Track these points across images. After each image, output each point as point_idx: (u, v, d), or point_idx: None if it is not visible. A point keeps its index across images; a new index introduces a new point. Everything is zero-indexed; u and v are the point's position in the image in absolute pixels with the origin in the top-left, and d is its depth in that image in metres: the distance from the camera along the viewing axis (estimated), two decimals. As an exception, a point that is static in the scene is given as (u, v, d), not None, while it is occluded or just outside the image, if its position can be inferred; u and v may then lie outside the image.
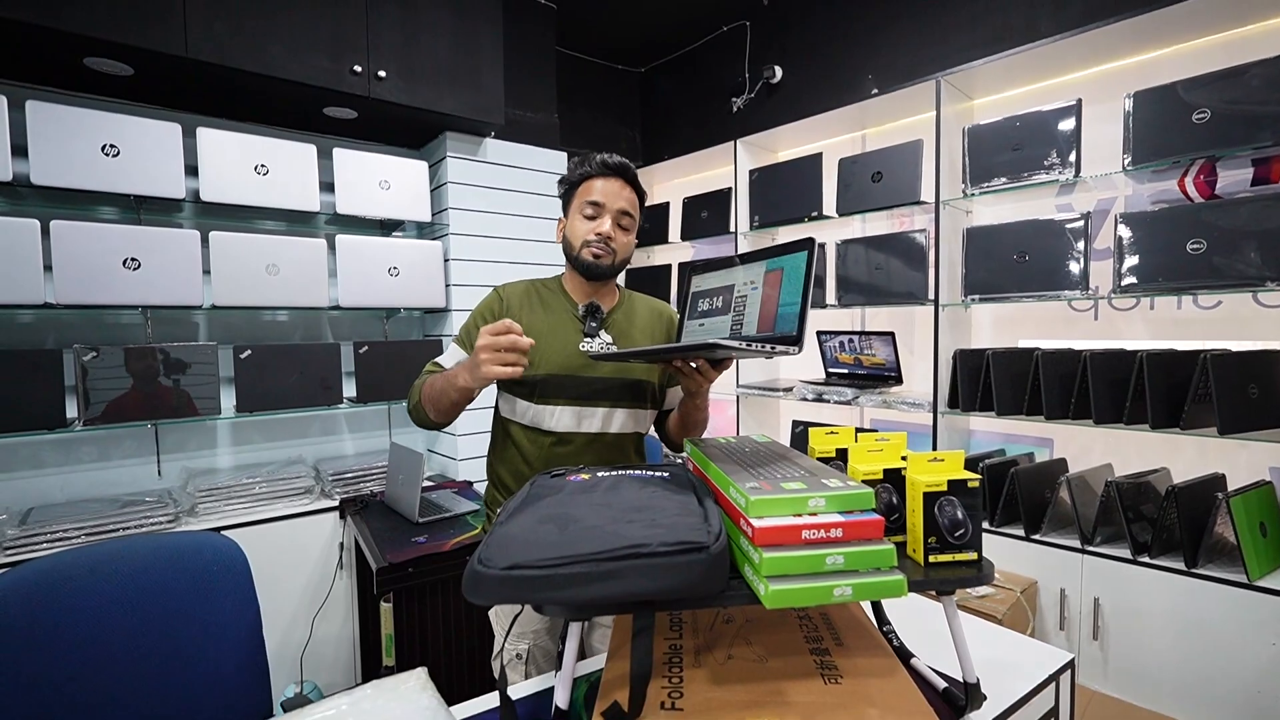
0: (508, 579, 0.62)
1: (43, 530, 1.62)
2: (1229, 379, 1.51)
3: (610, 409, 1.16)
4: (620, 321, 1.22)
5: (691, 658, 0.81)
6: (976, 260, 1.96)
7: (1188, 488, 1.56)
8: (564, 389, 1.13)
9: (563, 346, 1.15)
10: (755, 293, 0.92)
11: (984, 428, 2.20)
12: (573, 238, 1.17)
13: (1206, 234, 1.55)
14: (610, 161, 1.16)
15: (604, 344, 1.18)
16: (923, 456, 0.79)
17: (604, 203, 1.15)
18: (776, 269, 0.89)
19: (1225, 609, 1.46)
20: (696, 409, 1.14)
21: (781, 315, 0.85)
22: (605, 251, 1.15)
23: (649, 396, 1.21)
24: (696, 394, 1.08)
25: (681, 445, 1.25)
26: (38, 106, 1.62)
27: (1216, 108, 1.54)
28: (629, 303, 1.26)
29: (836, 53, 2.61)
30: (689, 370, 0.99)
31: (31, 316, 1.80)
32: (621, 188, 1.17)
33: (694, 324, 1.05)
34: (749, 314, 0.92)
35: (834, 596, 0.65)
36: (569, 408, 1.14)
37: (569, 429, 1.15)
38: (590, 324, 1.17)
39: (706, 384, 1.02)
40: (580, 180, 1.18)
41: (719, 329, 0.97)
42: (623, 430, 1.19)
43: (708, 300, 1.03)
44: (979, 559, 0.76)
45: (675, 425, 1.24)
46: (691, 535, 0.64)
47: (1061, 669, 0.97)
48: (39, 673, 0.90)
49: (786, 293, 0.85)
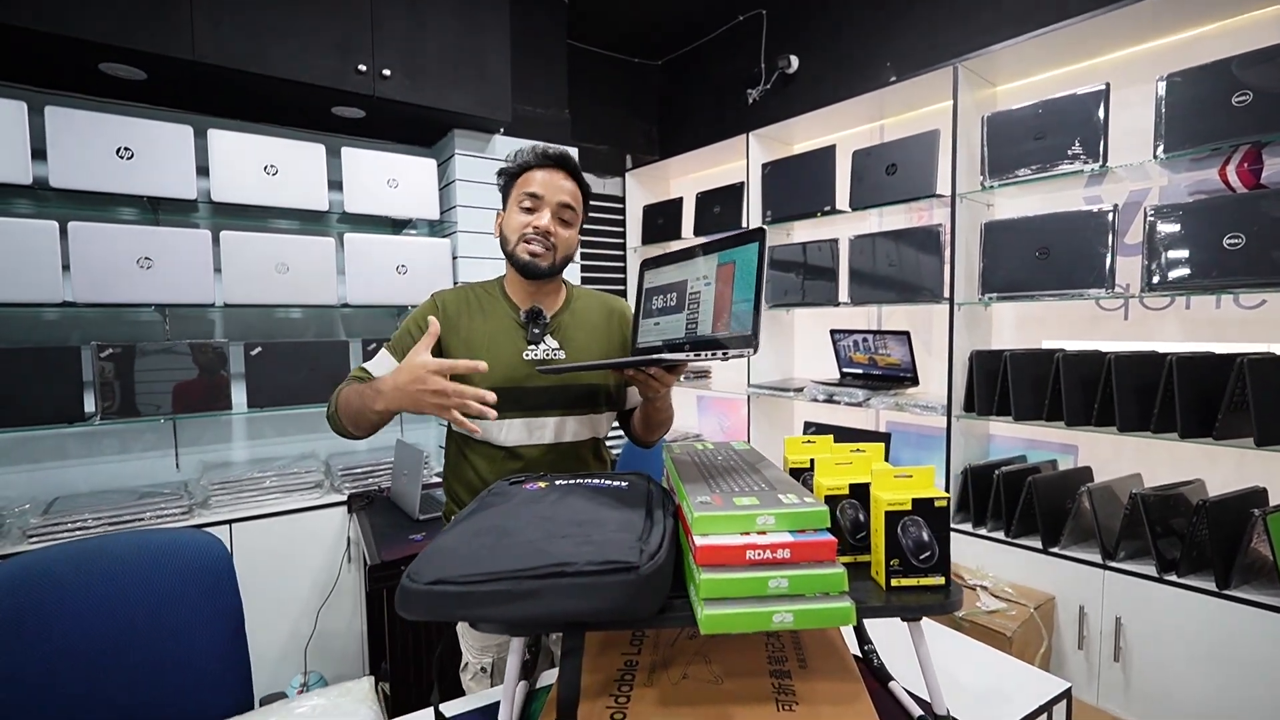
0: (432, 594, 0.60)
1: (64, 520, 1.70)
2: (1269, 385, 1.38)
3: (562, 417, 1.11)
4: (566, 324, 1.16)
5: (645, 675, 0.78)
6: (995, 256, 1.85)
7: (1221, 502, 1.44)
8: (511, 401, 1.06)
9: (506, 356, 1.09)
10: (709, 289, 0.88)
11: (1005, 433, 2.09)
12: (509, 232, 1.11)
13: (1246, 227, 1.42)
14: (550, 152, 1.11)
15: (549, 350, 1.12)
16: (890, 471, 0.74)
17: (543, 194, 1.09)
18: (729, 262, 0.84)
19: (1260, 634, 1.35)
20: (657, 410, 1.11)
21: (735, 313, 0.80)
22: (544, 248, 1.09)
23: (604, 400, 1.16)
24: (655, 399, 1.04)
25: (649, 444, 1.23)
26: (56, 111, 1.68)
27: (1261, 89, 1.41)
28: (576, 302, 1.20)
29: (854, 40, 2.51)
30: (643, 377, 0.95)
31: (53, 315, 1.88)
32: (563, 179, 1.11)
33: (649, 323, 1.01)
34: (703, 312, 0.87)
35: (773, 623, 0.61)
36: (518, 420, 1.08)
37: (520, 442, 1.09)
38: (533, 330, 1.12)
39: (665, 388, 0.98)
40: (519, 171, 1.12)
41: (674, 328, 0.93)
42: (577, 438, 1.14)
43: (662, 297, 0.98)
44: (946, 584, 0.70)
45: (639, 425, 1.20)
46: (621, 554, 0.61)
47: (1056, 698, 0.90)
48: (23, 665, 0.93)
49: (739, 288, 0.81)
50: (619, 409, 1.22)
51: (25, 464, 1.86)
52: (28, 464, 1.87)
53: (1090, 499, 1.61)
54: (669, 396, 1.07)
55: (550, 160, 1.10)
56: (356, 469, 2.20)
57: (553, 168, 1.10)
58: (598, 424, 1.17)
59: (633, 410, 1.21)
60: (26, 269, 1.64)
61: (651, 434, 1.20)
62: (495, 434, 1.09)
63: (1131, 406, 1.57)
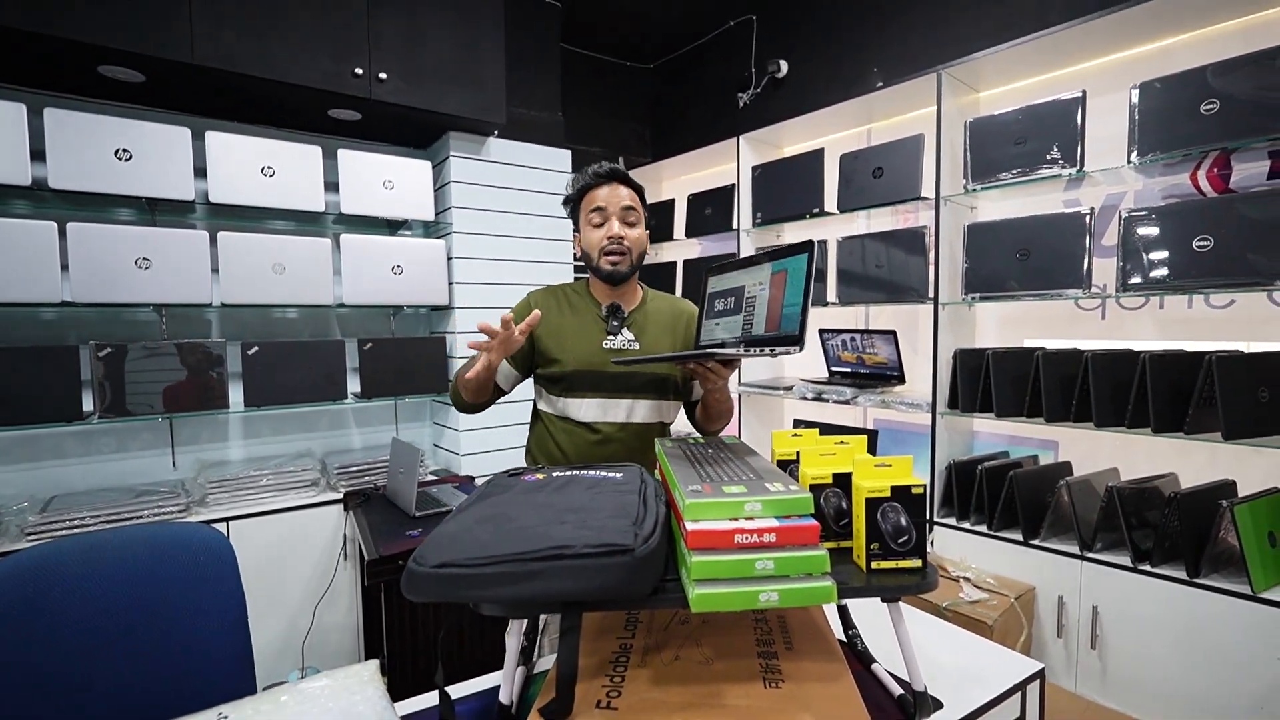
0: (438, 577, 0.63)
1: (62, 517, 1.71)
2: (1236, 381, 1.45)
3: (633, 401, 1.26)
4: (640, 320, 1.32)
5: (638, 657, 0.82)
6: (978, 257, 1.91)
7: (1191, 494, 1.50)
8: (590, 383, 1.24)
9: (588, 344, 1.26)
10: (763, 293, 0.98)
11: (989, 429, 2.15)
12: (588, 248, 1.27)
13: (1216, 230, 1.49)
14: (601, 170, 1.26)
15: (626, 341, 1.28)
16: (870, 461, 0.78)
17: (606, 206, 1.24)
18: (781, 270, 0.94)
19: (1228, 621, 1.41)
20: (717, 401, 1.26)
21: (785, 315, 0.91)
22: (620, 253, 1.24)
23: (671, 389, 1.30)
24: (714, 389, 1.19)
25: (712, 432, 1.38)
26: (55, 113, 1.69)
27: (1227, 97, 1.47)
28: (650, 302, 1.36)
29: (842, 45, 2.56)
30: (702, 370, 1.07)
31: (51, 314, 1.89)
32: (617, 188, 1.26)
33: (711, 323, 1.14)
34: (757, 314, 0.98)
35: (760, 602, 0.65)
36: (595, 400, 1.25)
37: (595, 419, 1.25)
38: (612, 323, 1.28)
39: (722, 380, 1.10)
40: (580, 194, 1.28)
41: (732, 328, 1.05)
42: (646, 420, 1.28)
43: (723, 300, 1.10)
44: (923, 566, 0.75)
45: (702, 414, 1.34)
46: (617, 538, 0.65)
47: (1029, 679, 0.95)
48: (34, 652, 0.95)
49: (790, 293, 0.91)
50: (684, 399, 1.36)
51: (24, 462, 1.87)
52: (26, 462, 1.88)
53: (1069, 492, 1.66)
54: (726, 389, 1.22)
55: (603, 177, 1.26)
56: (352, 467, 2.23)
57: (608, 182, 1.26)
58: (665, 410, 1.31)
59: (697, 402, 1.35)
60: (26, 269, 1.66)
61: (712, 423, 1.33)
62: (574, 411, 1.25)
63: (1108, 403, 1.63)
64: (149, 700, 1.02)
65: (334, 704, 0.72)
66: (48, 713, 0.94)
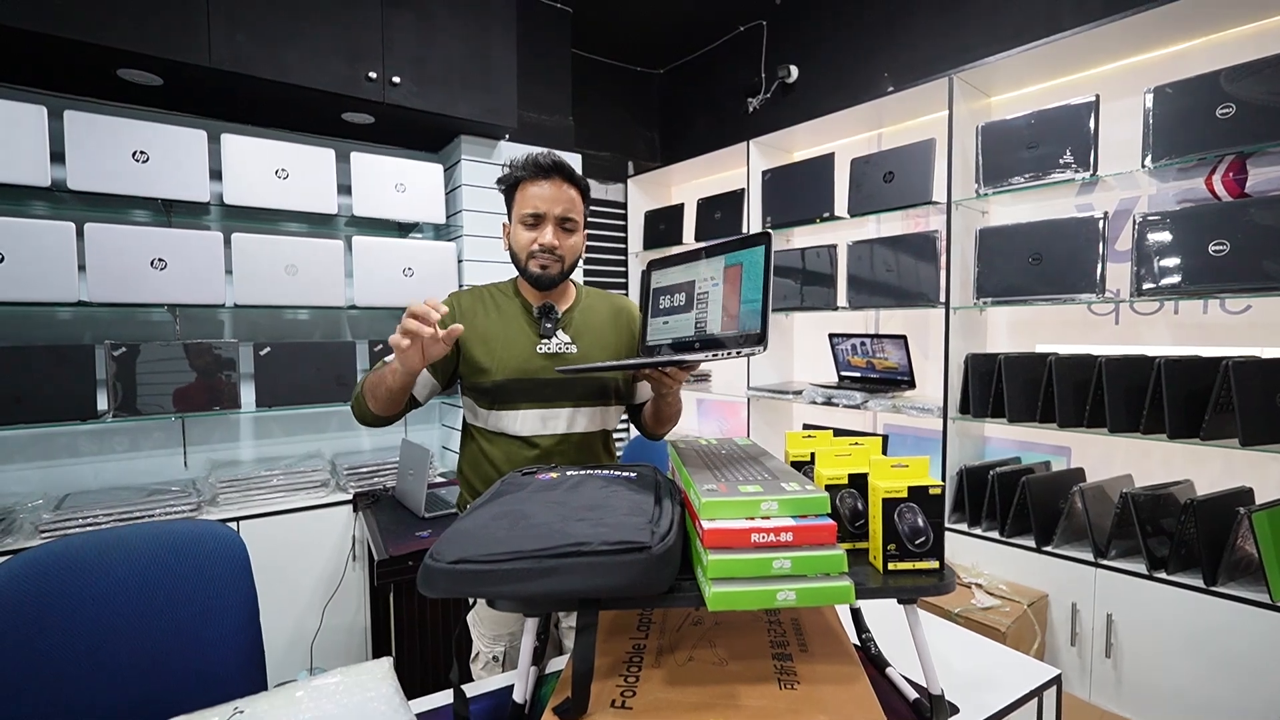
0: (455, 572, 0.63)
1: (75, 515, 1.72)
2: (1253, 387, 1.43)
3: (574, 409, 1.16)
4: (576, 320, 1.20)
5: (652, 658, 0.82)
6: (990, 262, 1.90)
7: (1208, 501, 1.48)
8: (524, 393, 1.12)
9: (520, 350, 1.14)
10: (717, 289, 0.91)
11: (1000, 435, 2.13)
12: (517, 248, 1.15)
13: (1231, 234, 1.47)
14: (544, 162, 1.12)
15: (562, 344, 1.17)
16: (887, 462, 0.78)
17: (544, 211, 1.12)
18: (736, 264, 0.88)
19: (1247, 630, 1.39)
20: (668, 405, 1.16)
21: (744, 312, 0.84)
22: (552, 261, 1.13)
23: (613, 394, 1.20)
24: (668, 394, 1.08)
25: (657, 437, 1.28)
26: (74, 116, 1.72)
27: (1242, 101, 1.46)
28: (585, 300, 1.25)
29: (853, 50, 2.56)
30: (657, 375, 1.00)
31: (67, 314, 1.91)
32: (558, 188, 1.12)
33: (657, 322, 1.04)
34: (712, 311, 0.91)
35: (777, 601, 0.65)
36: (532, 411, 1.13)
37: (534, 432, 1.14)
38: (545, 325, 1.16)
39: (677, 385, 1.02)
40: (516, 183, 1.14)
41: (683, 327, 0.97)
42: (588, 429, 1.18)
43: (669, 297, 1.01)
44: (940, 567, 0.74)
45: (649, 419, 1.25)
46: (634, 535, 0.64)
47: (1045, 684, 0.94)
48: (48, 647, 0.96)
49: (748, 289, 0.85)
50: (627, 403, 1.26)
51: (39, 460, 1.89)
52: (41, 460, 1.90)
53: (1082, 499, 1.65)
54: (679, 391, 1.11)
55: (544, 171, 1.12)
56: (362, 468, 2.23)
57: (547, 178, 1.12)
58: (608, 417, 1.22)
59: (642, 405, 1.26)
60: (43, 269, 1.68)
61: (661, 427, 1.25)
62: (510, 424, 1.14)
63: (1122, 408, 1.62)
64: (161, 695, 1.03)
65: (348, 699, 0.72)
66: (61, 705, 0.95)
